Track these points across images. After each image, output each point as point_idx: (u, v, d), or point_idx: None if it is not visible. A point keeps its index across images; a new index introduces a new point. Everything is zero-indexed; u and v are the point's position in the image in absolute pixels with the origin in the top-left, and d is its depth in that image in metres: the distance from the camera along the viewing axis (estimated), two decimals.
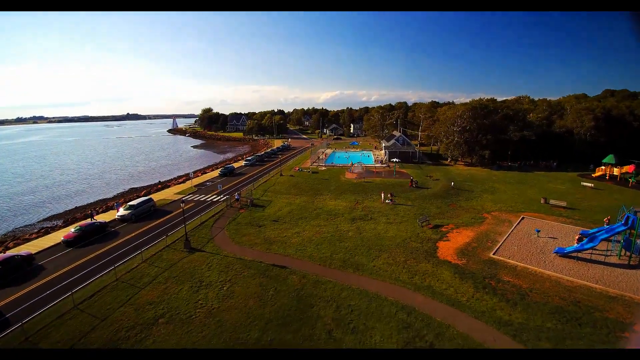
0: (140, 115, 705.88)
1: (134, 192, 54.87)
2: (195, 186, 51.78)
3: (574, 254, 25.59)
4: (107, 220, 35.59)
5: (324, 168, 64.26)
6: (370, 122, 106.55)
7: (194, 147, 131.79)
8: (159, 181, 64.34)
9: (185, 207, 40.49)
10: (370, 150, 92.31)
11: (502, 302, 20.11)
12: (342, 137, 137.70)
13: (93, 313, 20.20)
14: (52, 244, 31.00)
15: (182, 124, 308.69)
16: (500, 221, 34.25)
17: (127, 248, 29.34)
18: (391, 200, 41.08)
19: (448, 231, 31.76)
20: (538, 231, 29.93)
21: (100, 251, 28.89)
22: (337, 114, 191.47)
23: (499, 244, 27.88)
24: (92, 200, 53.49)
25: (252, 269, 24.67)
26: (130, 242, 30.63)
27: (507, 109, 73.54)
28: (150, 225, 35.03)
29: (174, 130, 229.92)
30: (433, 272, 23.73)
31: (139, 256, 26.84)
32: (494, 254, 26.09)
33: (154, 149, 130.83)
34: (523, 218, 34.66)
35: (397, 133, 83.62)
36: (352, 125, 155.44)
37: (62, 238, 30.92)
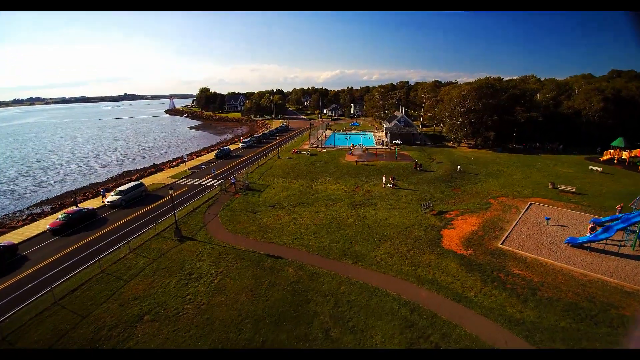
0: (137, 95, 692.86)
1: (127, 176, 53.00)
2: (189, 169, 49.82)
3: (587, 245, 24.03)
4: (95, 207, 33.95)
5: (323, 150, 62.04)
6: (371, 102, 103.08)
7: (191, 128, 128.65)
8: (154, 164, 62.31)
9: (179, 192, 38.85)
10: (371, 131, 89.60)
11: (513, 298, 18.67)
12: (340, 118, 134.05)
13: (75, 309, 18.82)
14: (38, 232, 29.45)
15: (180, 104, 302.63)
16: (507, 207, 32.54)
17: (115, 236, 27.78)
18: (393, 184, 39.25)
19: (453, 218, 30.11)
20: (548, 219, 28.25)
21: (87, 240, 27.37)
22: (337, 94, 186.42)
23: (507, 233, 26.27)
24: (84, 184, 51.74)
25: (245, 260, 23.18)
26: (119, 230, 29.06)
27: (514, 89, 70.28)
28: (140, 212, 33.38)
29: (171, 111, 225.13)
30: (438, 264, 22.23)
31: (126, 246, 25.30)
32: (502, 244, 24.52)
33: (150, 130, 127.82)
34: (531, 204, 32.93)
35: (398, 114, 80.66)
36: (352, 106, 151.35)
37: (47, 226, 29.36)
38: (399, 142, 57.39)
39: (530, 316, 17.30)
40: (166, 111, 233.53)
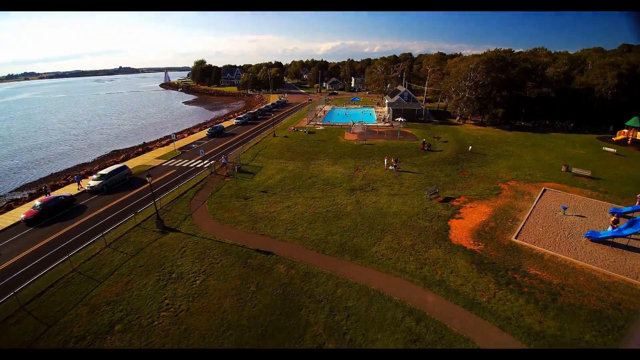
0: (132, 68, 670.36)
1: (115, 156, 49.96)
2: (179, 149, 46.68)
3: (609, 239, 21.63)
4: (75, 193, 31.33)
5: (321, 128, 58.49)
6: (373, 76, 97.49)
7: (186, 103, 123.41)
8: (144, 142, 59.02)
9: (165, 175, 36.11)
10: (372, 106, 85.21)
11: (531, 304, 16.47)
12: (337, 92, 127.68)
13: (41, 316, 16.68)
14: (12, 222, 27.00)
15: (175, 77, 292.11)
16: (519, 193, 29.91)
17: (93, 227, 25.35)
18: (395, 166, 36.38)
19: (461, 205, 27.56)
20: (565, 208, 25.69)
21: (63, 231, 24.95)
22: (338, 67, 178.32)
23: (521, 224, 23.79)
24: (70, 166, 48.81)
25: (232, 256, 20.87)
26: (98, 219, 26.59)
27: (525, 62, 65.29)
28: (123, 198, 30.79)
29: (166, 85, 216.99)
30: (446, 261, 19.93)
31: (102, 239, 22.91)
32: (516, 238, 22.11)
33: (143, 106, 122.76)
34: (545, 190, 30.27)
35: (401, 88, 75.98)
36: (353, 79, 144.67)
37: (22, 216, 26.87)
38: (402, 120, 53.64)
39: (552, 327, 15.15)
40: (161, 85, 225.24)
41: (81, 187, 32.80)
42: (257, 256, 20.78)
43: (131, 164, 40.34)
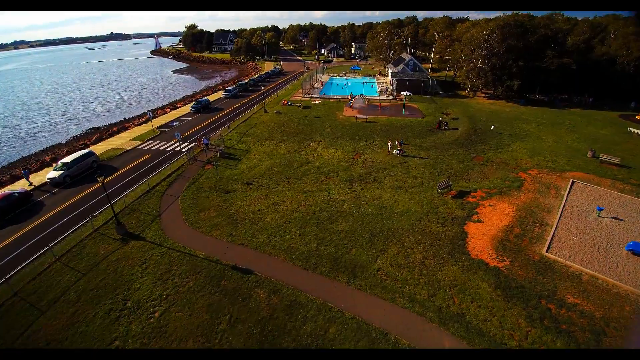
0: (124, 34, 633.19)
1: (90, 135, 44.86)
2: (158, 128, 41.53)
3: None
4: (29, 189, 26.88)
5: (318, 101, 52.71)
6: (375, 42, 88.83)
7: (175, 72, 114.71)
8: (124, 118, 53.53)
9: (137, 163, 31.47)
10: (374, 76, 78.15)
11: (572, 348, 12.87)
12: (333, 60, 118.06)
13: None
14: None
15: (167, 43, 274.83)
16: (543, 186, 25.60)
17: (48, 231, 21.27)
18: (400, 150, 31.70)
19: (478, 203, 23.37)
20: (600, 210, 21.50)
21: (12, 238, 20.90)
22: (337, 31, 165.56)
23: (552, 231, 19.72)
24: (42, 147, 43.89)
25: (202, 276, 16.99)
26: (55, 221, 22.44)
27: (544, 29, 57.68)
28: (87, 191, 26.43)
29: (157, 52, 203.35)
30: (464, 284, 16.09)
31: (50, 252, 18.87)
32: (547, 251, 18.14)
33: (131, 75, 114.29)
34: (573, 183, 25.93)
35: (406, 56, 68.72)
36: (353, 45, 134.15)
37: None
38: (408, 94, 47.62)
39: None
40: (152, 52, 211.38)
41: (32, 184, 27.79)
42: (233, 276, 16.92)
43: (103, 147, 35.53)
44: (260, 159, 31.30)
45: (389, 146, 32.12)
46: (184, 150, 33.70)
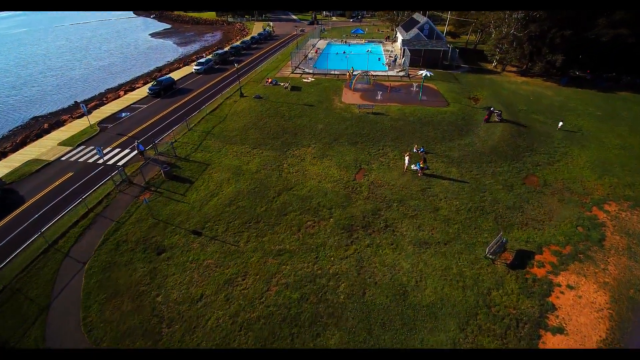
0: None
1: (16, 137, 33.85)
2: (100, 123, 30.84)
3: None
4: None
5: (310, 79, 41.08)
6: None
7: (153, 35, 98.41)
8: (75, 102, 42.11)
9: (57, 184, 21.64)
10: (380, 41, 64.55)
11: None
12: (319, 22, 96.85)
13: None
14: None
15: None
16: (634, 240, 16.28)
17: None
18: (421, 170, 21.73)
19: (550, 280, 14.22)
20: None
21: None
22: None
23: None
24: None
25: None
26: None
27: None
28: None
29: (140, 11, 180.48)
30: None
31: None
32: None
33: (105, 39, 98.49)
34: None
35: (420, 17, 55.02)
36: None
37: None
38: (427, 74, 33.55)
39: None
40: (135, 12, 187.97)
41: None
42: None
43: (20, 157, 25.29)
44: (223, 180, 21.42)
45: (406, 160, 22.04)
46: (118, 166, 23.60)
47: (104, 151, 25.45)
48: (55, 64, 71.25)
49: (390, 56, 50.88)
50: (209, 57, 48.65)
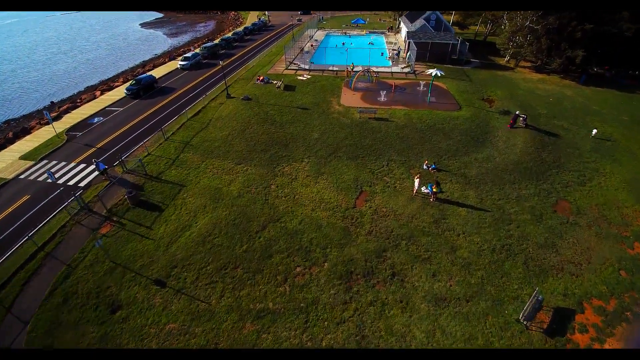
0: None
1: None
2: (67, 132, 27.02)
3: None
4: None
5: (306, 76, 37.02)
6: None
7: (144, 25, 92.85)
8: (51, 102, 38.01)
9: (10, 211, 18.16)
10: (382, 32, 59.85)
11: None
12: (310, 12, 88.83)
13: None
14: None
15: None
16: None
17: None
18: (434, 194, 18.19)
19: (592, 345, 11.05)
20: None
21: None
22: None
23: None
24: None
25: None
26: None
27: None
28: None
29: None
30: None
31: None
32: None
33: (95, 30, 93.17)
34: None
35: None
36: None
37: None
38: (437, 73, 28.90)
39: None
40: None
41: None
42: None
43: None
44: (198, 208, 17.92)
45: (416, 184, 18.52)
46: (80, 187, 20.02)
47: (69, 166, 21.97)
48: (40, 58, 66.58)
49: (393, 49, 46.54)
50: (197, 51, 44.28)
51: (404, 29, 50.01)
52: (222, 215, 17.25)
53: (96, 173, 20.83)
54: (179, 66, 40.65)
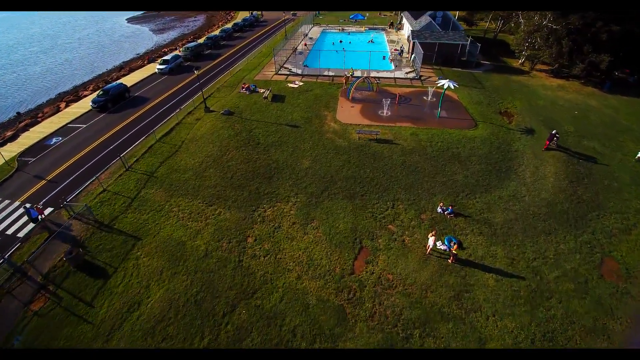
0: None
1: None
2: (20, 157, 22.24)
3: None
4: None
5: (298, 83, 32.53)
6: None
7: (130, 20, 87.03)
8: (17, 113, 33.34)
9: None
10: (384, 28, 54.92)
11: None
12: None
13: None
14: None
15: None
16: None
17: None
18: (453, 251, 14.21)
19: None
20: None
21: None
22: None
23: None
24: None
25: None
26: None
27: None
28: None
29: None
30: None
31: None
32: None
33: (80, 26, 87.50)
34: None
35: None
36: None
37: None
38: (450, 85, 24.02)
39: None
40: None
41: None
42: None
43: None
44: (152, 274, 13.86)
45: (430, 242, 14.51)
46: (18, 238, 15.97)
47: (12, 207, 17.87)
48: (18, 58, 61.35)
49: (395, 48, 41.87)
50: (176, 53, 39.42)
51: (406, 25, 45.25)
52: (182, 287, 13.25)
53: (43, 215, 16.78)
54: (156, 70, 35.87)
